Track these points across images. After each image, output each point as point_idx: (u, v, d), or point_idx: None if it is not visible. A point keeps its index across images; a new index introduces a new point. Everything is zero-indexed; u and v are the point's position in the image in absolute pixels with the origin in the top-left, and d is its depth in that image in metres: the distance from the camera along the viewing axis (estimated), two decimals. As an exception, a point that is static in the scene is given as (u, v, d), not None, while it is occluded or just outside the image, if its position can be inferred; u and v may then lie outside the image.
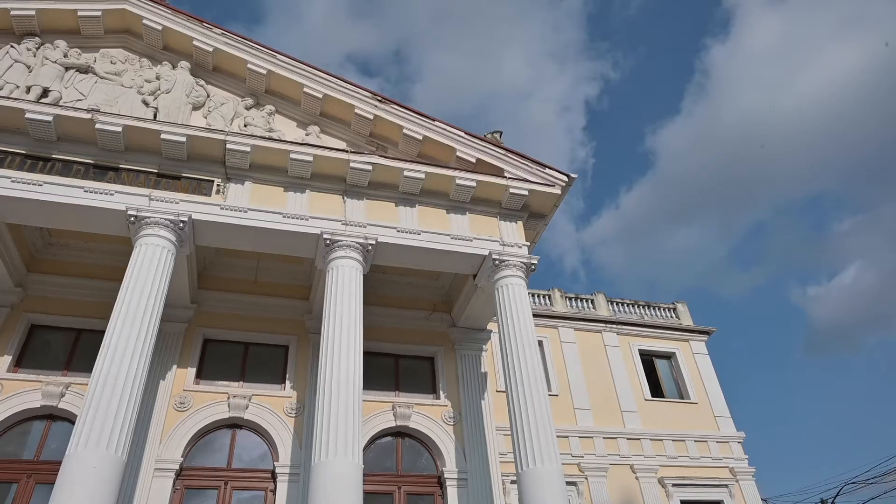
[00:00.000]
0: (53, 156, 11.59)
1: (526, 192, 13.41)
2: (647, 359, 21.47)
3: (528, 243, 13.58)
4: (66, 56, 12.90)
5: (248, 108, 13.57)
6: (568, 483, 15.73)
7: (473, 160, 13.54)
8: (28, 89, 12.19)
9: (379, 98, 13.62)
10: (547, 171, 13.59)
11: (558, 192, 13.62)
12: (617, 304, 22.50)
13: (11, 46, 12.78)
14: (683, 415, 20.07)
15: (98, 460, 8.87)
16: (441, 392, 14.47)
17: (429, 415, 13.99)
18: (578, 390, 19.40)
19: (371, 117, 13.54)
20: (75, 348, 13.15)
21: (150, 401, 12.23)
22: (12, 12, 12.76)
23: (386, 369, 14.58)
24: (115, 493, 8.92)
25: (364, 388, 11.01)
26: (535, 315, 14.15)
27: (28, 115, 11.31)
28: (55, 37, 13.15)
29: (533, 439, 10.80)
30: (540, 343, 18.78)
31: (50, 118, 11.40)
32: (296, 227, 12.17)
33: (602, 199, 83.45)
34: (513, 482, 15.96)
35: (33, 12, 12.88)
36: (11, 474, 11.51)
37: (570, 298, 22.03)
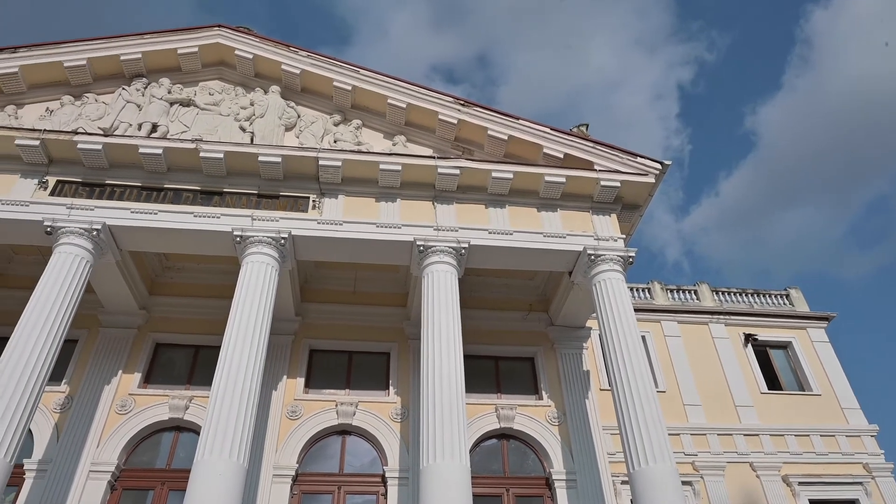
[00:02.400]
0: (165, 185, 12.48)
1: (618, 184, 13.03)
2: (761, 349, 20.25)
3: (624, 236, 13.18)
4: (169, 92, 13.86)
5: (336, 125, 14.03)
6: (682, 482, 15.06)
7: (561, 155, 13.32)
8: (139, 126, 13.19)
9: (461, 102, 13.68)
10: (638, 160, 13.15)
11: (652, 180, 13.14)
12: (723, 293, 21.39)
13: (123, 88, 13.89)
14: (805, 408, 18.75)
15: (223, 467, 9.41)
16: (543, 392, 14.28)
17: (532, 416, 13.84)
18: (687, 386, 18.59)
19: (455, 122, 13.63)
20: (195, 364, 14.05)
21: (265, 410, 12.85)
22: (122, 58, 13.87)
23: (486, 371, 14.57)
24: (239, 498, 9.43)
25: (466, 391, 11.04)
26: (635, 309, 13.68)
27: (141, 150, 12.25)
28: (159, 75, 14.16)
29: (643, 438, 10.43)
30: (642, 338, 18.14)
31: (160, 151, 12.28)
32: (389, 235, 12.43)
33: (700, 187, 79.71)
34: (623, 482, 15.53)
35: (139, 55, 13.94)
36: (147, 482, 12.44)
37: (672, 290, 21.18)
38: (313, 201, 12.68)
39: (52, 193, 12.19)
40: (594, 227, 13.01)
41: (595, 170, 13.12)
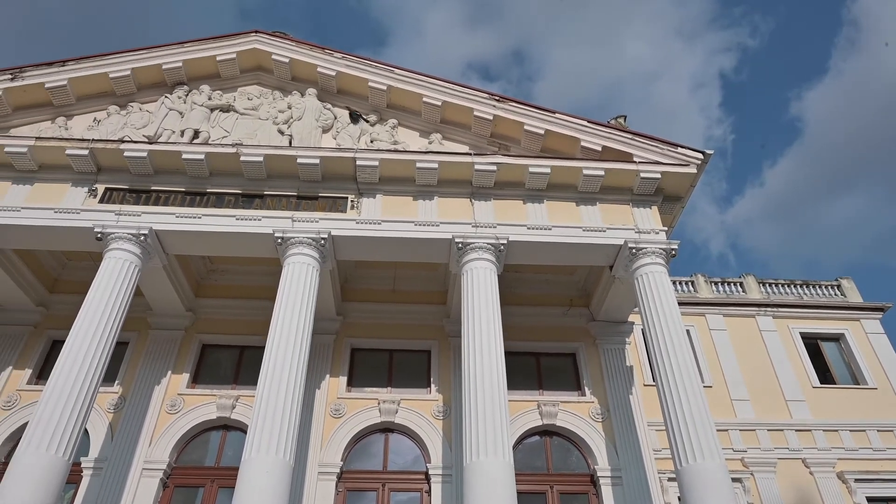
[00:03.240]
0: (208, 190, 12.77)
1: (658, 175, 12.79)
2: (811, 342, 19.65)
3: (666, 228, 12.93)
4: (210, 98, 14.17)
5: (372, 125, 14.12)
6: (732, 479, 14.72)
7: (599, 148, 13.14)
8: (182, 133, 13.51)
9: (496, 98, 13.62)
10: (679, 150, 12.88)
11: (694, 171, 12.85)
12: (770, 285, 20.82)
13: (165, 97, 14.25)
14: (860, 402, 18.11)
15: (270, 465, 9.59)
16: (586, 388, 14.13)
17: (575, 412, 13.70)
18: (734, 380, 18.16)
19: (490, 118, 13.57)
20: (241, 364, 14.35)
21: (309, 409, 13.03)
22: (163, 66, 14.21)
23: (528, 368, 14.49)
24: (286, 495, 9.60)
25: (507, 388, 10.99)
26: (679, 303, 13.41)
27: (184, 156, 12.55)
28: (200, 82, 14.48)
29: (690, 434, 10.22)
30: (686, 332, 17.80)
31: (202, 156, 12.56)
32: (427, 233, 12.46)
33: (745, 177, 77.46)
34: (670, 479, 15.27)
35: (180, 63, 14.26)
36: (198, 479, 12.76)
37: (716, 283, 20.71)
38: (352, 201, 12.80)
39: (101, 201, 12.59)
40: (635, 220, 12.80)
41: (634, 162, 12.91)
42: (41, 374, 13.88)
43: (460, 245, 12.22)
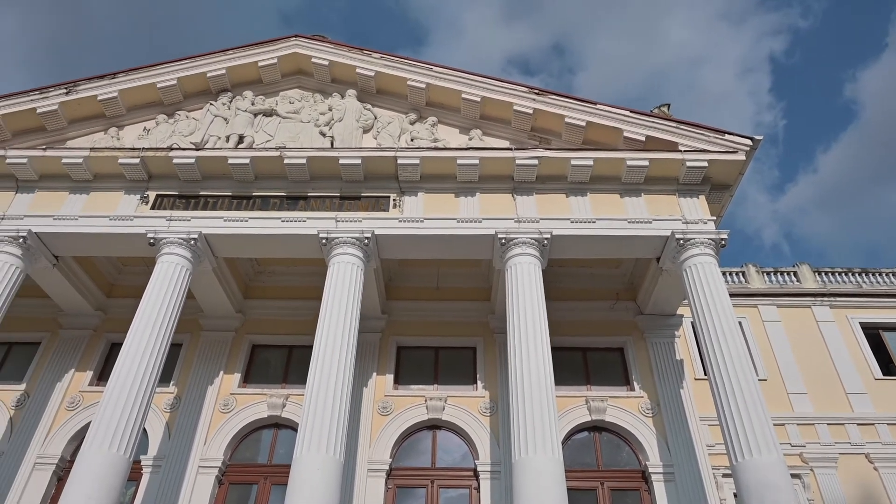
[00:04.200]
0: (253, 193, 13.04)
1: (705, 164, 12.46)
2: (873, 332, 18.82)
3: (714, 218, 12.60)
4: (253, 104, 14.45)
5: (412, 123, 14.17)
6: (791, 475, 14.26)
7: (643, 138, 12.89)
8: (227, 138, 13.83)
9: (536, 91, 13.49)
10: (726, 137, 12.52)
11: (742, 157, 12.48)
12: (826, 274, 20.03)
13: (210, 104, 14.60)
14: (928, 394, 17.27)
15: (321, 462, 9.74)
16: (635, 383, 13.89)
17: (624, 407, 13.49)
18: (790, 373, 17.54)
19: (530, 111, 13.46)
20: (290, 363, 14.62)
21: (357, 407, 13.18)
22: (208, 74, 14.57)
23: (574, 363, 14.33)
24: (337, 492, 9.73)
25: (555, 384, 10.90)
26: (730, 294, 13.05)
27: (230, 161, 12.84)
28: (243, 88, 14.80)
29: (745, 428, 9.94)
30: (738, 324, 17.33)
31: (247, 160, 12.83)
32: (470, 230, 12.44)
33: (797, 163, 74.74)
34: (725, 475, 14.87)
35: (224, 70, 14.60)
36: (251, 477, 13.06)
37: (769, 273, 20.04)
38: (394, 200, 12.88)
39: (153, 207, 12.99)
40: (682, 210, 12.51)
41: (680, 150, 12.61)
42: (101, 376, 14.41)
43: (503, 241, 12.16)
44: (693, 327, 14.70)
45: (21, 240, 12.43)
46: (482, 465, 12.67)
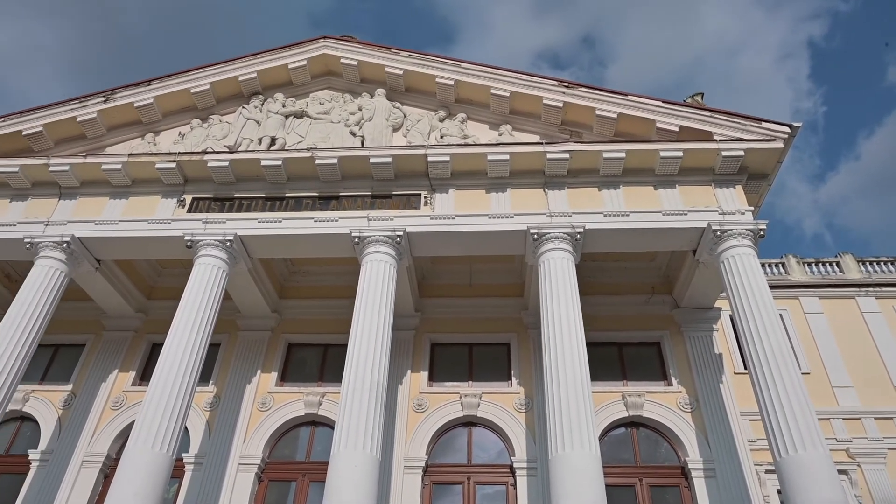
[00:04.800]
0: (286, 194, 13.20)
1: (741, 153, 12.18)
2: (921, 323, 18.21)
3: (752, 208, 12.31)
4: (284, 106, 14.63)
5: (441, 121, 14.17)
6: (837, 471, 13.89)
7: (676, 129, 12.66)
8: (259, 140, 14.02)
9: (565, 84, 13.36)
10: (763, 125, 12.22)
11: (780, 146, 12.16)
12: (871, 263, 19.44)
13: (243, 107, 14.82)
14: (981, 386, 16.65)
15: (358, 459, 9.82)
16: (672, 378, 13.67)
17: (662, 402, 13.29)
18: (834, 366, 17.10)
19: (560, 105, 13.33)
20: (325, 361, 14.78)
21: (392, 404, 13.24)
22: (240, 78, 14.80)
23: (610, 358, 14.17)
24: (375, 489, 9.81)
25: (590, 379, 10.78)
26: (769, 286, 12.74)
27: (263, 163, 13.01)
28: (274, 91, 14.99)
29: (789, 423, 9.69)
30: (779, 316, 16.93)
31: (279, 162, 12.99)
32: (501, 226, 12.40)
33: (838, 151, 72.49)
34: (768, 471, 14.60)
35: (255, 74, 14.81)
36: (290, 474, 13.24)
37: (810, 264, 19.55)
38: (425, 198, 12.89)
39: (189, 210, 13.25)
40: (718, 201, 12.26)
41: (714, 140, 12.35)
42: (143, 376, 14.77)
43: (535, 236, 12.08)
44: (732, 320, 14.41)
45: (65, 245, 12.81)
46: (518, 461, 12.62)
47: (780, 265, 19.62)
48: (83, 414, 14.10)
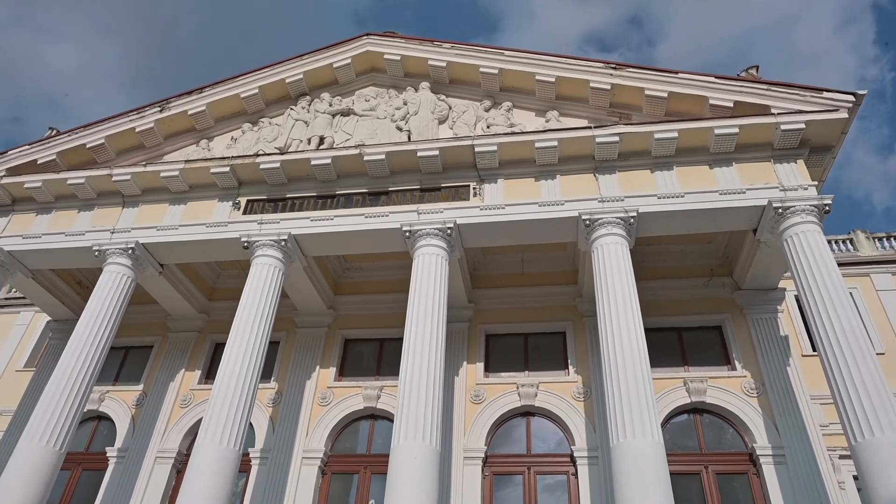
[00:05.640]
0: (337, 192, 13.38)
1: (801, 125, 11.65)
2: None
3: (815, 183, 11.77)
4: (330, 105, 14.82)
5: (487, 110, 14.08)
6: (918, 455, 13.20)
7: (731, 104, 12.21)
8: (308, 140, 14.26)
9: (612, 66, 13.07)
10: (824, 95, 11.65)
11: (844, 115, 11.57)
12: (948, 235, 18.35)
13: (291, 108, 15.10)
14: None
15: (418, 451, 9.91)
16: (736, 362, 13.25)
17: (726, 387, 12.90)
18: (911, 345, 16.20)
19: (608, 87, 13.05)
20: (381, 355, 14.95)
21: (449, 396, 13.30)
22: (287, 80, 15.10)
23: (670, 344, 13.83)
24: (436, 480, 9.87)
25: (650, 366, 10.55)
26: (837, 263, 12.17)
27: (313, 162, 13.22)
28: (320, 91, 15.22)
29: (864, 406, 9.25)
30: (849, 295, 16.16)
31: (328, 160, 13.17)
32: (552, 213, 12.24)
33: (909, 118, 68.43)
34: (842, 457, 13.94)
35: (301, 75, 15.07)
36: (352, 467, 13.48)
37: (880, 239, 18.58)
38: (474, 189, 12.85)
39: (244, 212, 13.60)
40: (778, 177, 11.77)
41: (772, 114, 11.85)
42: (208, 374, 15.29)
43: (587, 222, 11.88)
44: (798, 301, 13.88)
45: (130, 251, 13.36)
46: (579, 450, 12.49)
47: (848, 241, 18.72)
48: (154, 412, 14.71)
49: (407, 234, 12.47)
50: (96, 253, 13.50)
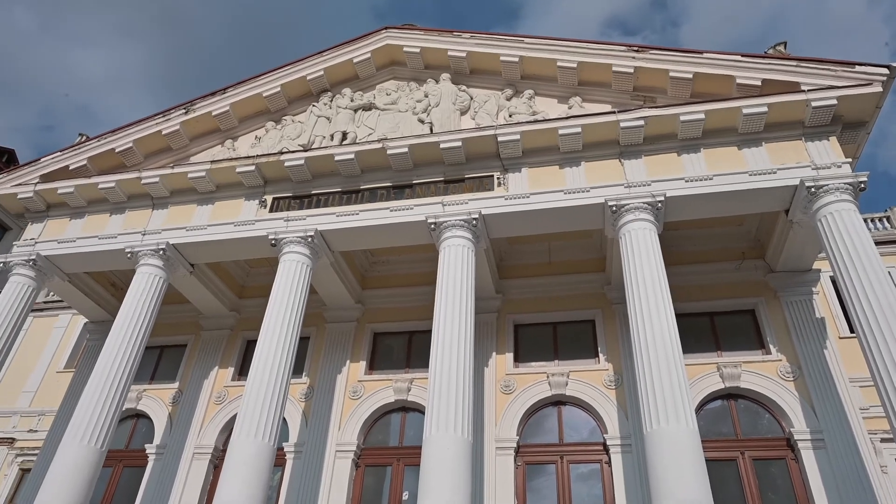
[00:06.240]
0: (361, 187, 13.43)
1: (833, 101, 11.33)
2: None
3: (849, 160, 11.44)
4: (352, 100, 14.86)
5: (508, 99, 13.98)
6: (964, 437, 12.82)
7: (758, 83, 11.92)
8: (331, 136, 14.32)
9: (635, 48, 12.86)
10: (857, 69, 11.31)
11: (878, 89, 11.21)
12: None
13: (313, 105, 15.17)
14: None
15: (450, 442, 9.93)
16: (770, 346, 13.00)
17: (761, 372, 12.67)
18: (954, 324, 15.72)
19: (631, 71, 12.85)
20: (411, 348, 15.01)
21: (480, 387, 13.30)
22: (308, 77, 15.15)
23: (701, 329, 13.62)
24: (468, 471, 9.90)
25: (682, 352, 10.40)
26: (874, 242, 11.83)
27: (336, 158, 13.28)
28: (341, 87, 15.26)
29: (906, 387, 9.00)
30: (888, 274, 15.71)
31: (352, 156, 13.21)
32: (578, 200, 12.11)
33: (943, 89, 65.78)
34: (884, 440, 13.72)
35: (322, 72, 15.13)
36: (385, 459, 13.59)
37: (918, 216, 18.05)
38: (497, 178, 12.78)
39: (270, 210, 13.72)
40: (810, 156, 11.47)
41: (802, 90, 11.54)
42: (241, 371, 15.52)
43: (614, 208, 11.74)
44: (833, 282, 13.58)
45: (161, 252, 13.59)
46: (611, 438, 12.40)
47: (885, 219, 18.24)
48: (190, 409, 14.99)
49: (432, 226, 12.46)
50: (129, 255, 13.77)
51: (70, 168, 15.09)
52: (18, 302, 13.87)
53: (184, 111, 15.13)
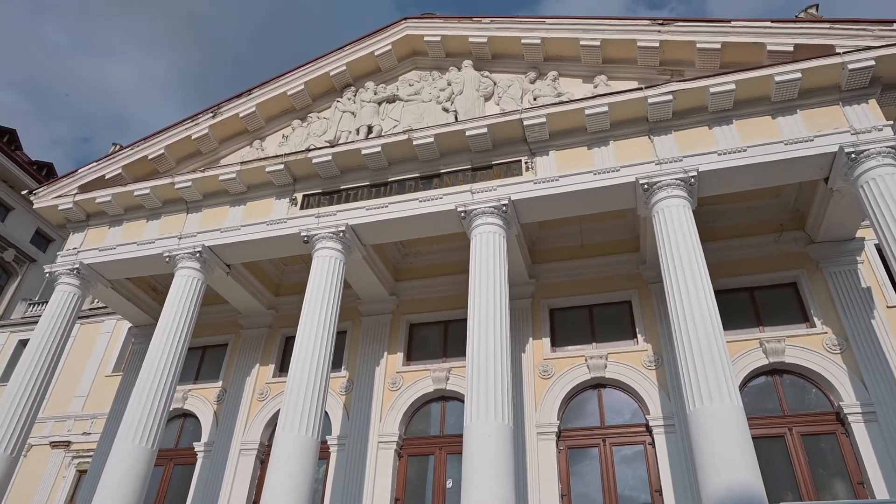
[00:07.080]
0: (389, 179, 13.45)
1: (870, 62, 10.91)
2: None
3: (891, 122, 11.00)
4: (375, 93, 14.87)
5: (532, 82, 13.82)
6: None
7: (790, 48, 11.56)
8: (357, 131, 14.37)
9: (659, 22, 12.57)
10: (894, 27, 10.87)
11: (918, 47, 10.77)
12: None
13: (337, 101, 15.24)
14: None
15: (491, 429, 9.94)
16: (815, 319, 12.67)
17: (806, 346, 12.37)
18: None
19: (656, 45, 12.58)
20: (447, 337, 15.05)
21: (518, 373, 13.27)
22: (331, 73, 15.24)
23: (742, 305, 13.34)
24: (510, 457, 9.90)
25: (723, 328, 10.20)
26: (921, 207, 11.41)
27: (363, 152, 13.33)
28: (364, 80, 15.30)
29: (961, 354, 8.69)
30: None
31: (378, 149, 13.24)
32: (608, 181, 11.94)
33: None
34: (940, 410, 13.19)
35: (344, 67, 15.20)
36: (427, 448, 13.68)
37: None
38: (525, 163, 12.67)
39: (301, 207, 13.86)
40: (848, 120, 11.08)
41: (837, 53, 11.15)
42: (282, 368, 15.78)
43: (646, 186, 11.54)
44: (878, 250, 13.12)
45: (197, 254, 13.85)
46: (654, 419, 12.27)
47: (930, 183, 17.53)
48: (234, 407, 15.32)
49: (462, 214, 12.43)
50: (167, 259, 14.06)
51: (106, 177, 15.45)
52: (66, 310, 14.31)
53: (211, 115, 15.35)
